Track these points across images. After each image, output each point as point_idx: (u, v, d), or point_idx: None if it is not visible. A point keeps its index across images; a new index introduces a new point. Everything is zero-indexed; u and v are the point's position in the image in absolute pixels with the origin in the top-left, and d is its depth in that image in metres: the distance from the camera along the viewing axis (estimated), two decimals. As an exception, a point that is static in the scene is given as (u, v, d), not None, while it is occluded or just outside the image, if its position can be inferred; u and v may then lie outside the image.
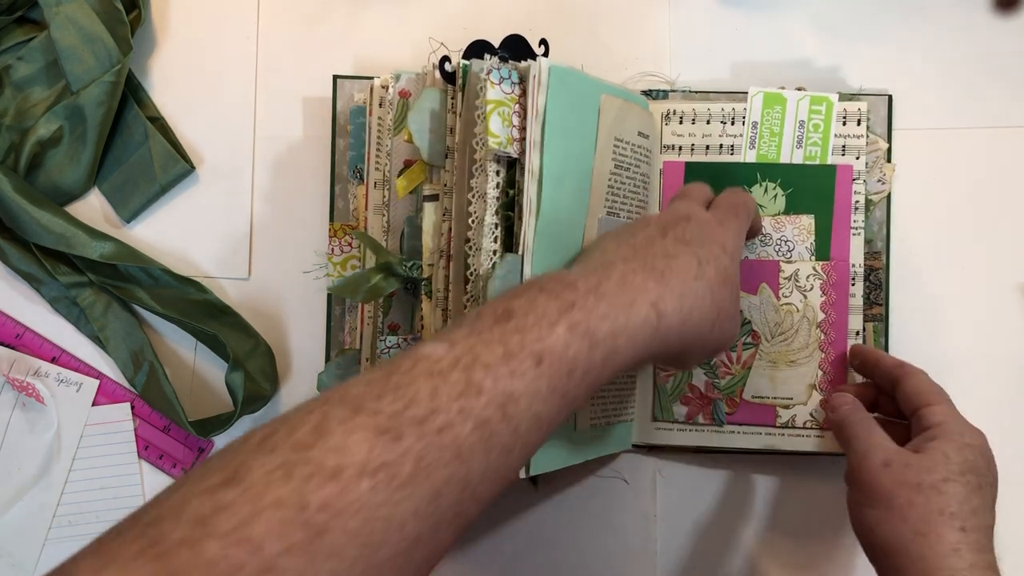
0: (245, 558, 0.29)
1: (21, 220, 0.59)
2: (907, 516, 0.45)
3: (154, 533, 0.30)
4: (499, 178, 0.50)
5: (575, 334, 0.38)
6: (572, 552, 0.60)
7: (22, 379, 0.61)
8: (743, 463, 0.60)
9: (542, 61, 0.49)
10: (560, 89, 0.49)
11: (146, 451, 0.62)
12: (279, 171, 0.63)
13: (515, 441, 0.36)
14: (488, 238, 0.50)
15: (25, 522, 0.61)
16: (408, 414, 0.34)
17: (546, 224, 0.49)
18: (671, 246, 0.45)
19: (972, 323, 0.60)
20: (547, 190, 0.49)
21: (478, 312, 0.39)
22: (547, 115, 0.49)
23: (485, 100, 0.49)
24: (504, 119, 0.49)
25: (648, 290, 0.41)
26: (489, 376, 0.36)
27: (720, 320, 0.45)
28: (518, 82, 0.50)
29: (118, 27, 0.61)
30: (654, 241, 0.45)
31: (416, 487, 0.33)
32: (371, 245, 0.55)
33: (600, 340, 0.39)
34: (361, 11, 0.63)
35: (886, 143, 0.60)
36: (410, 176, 0.55)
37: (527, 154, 0.49)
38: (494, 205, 0.50)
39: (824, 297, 0.57)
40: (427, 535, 0.34)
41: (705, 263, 0.44)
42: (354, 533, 0.31)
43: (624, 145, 0.55)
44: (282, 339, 0.62)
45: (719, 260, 0.46)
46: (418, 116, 0.53)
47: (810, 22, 0.62)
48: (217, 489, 0.31)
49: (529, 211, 0.49)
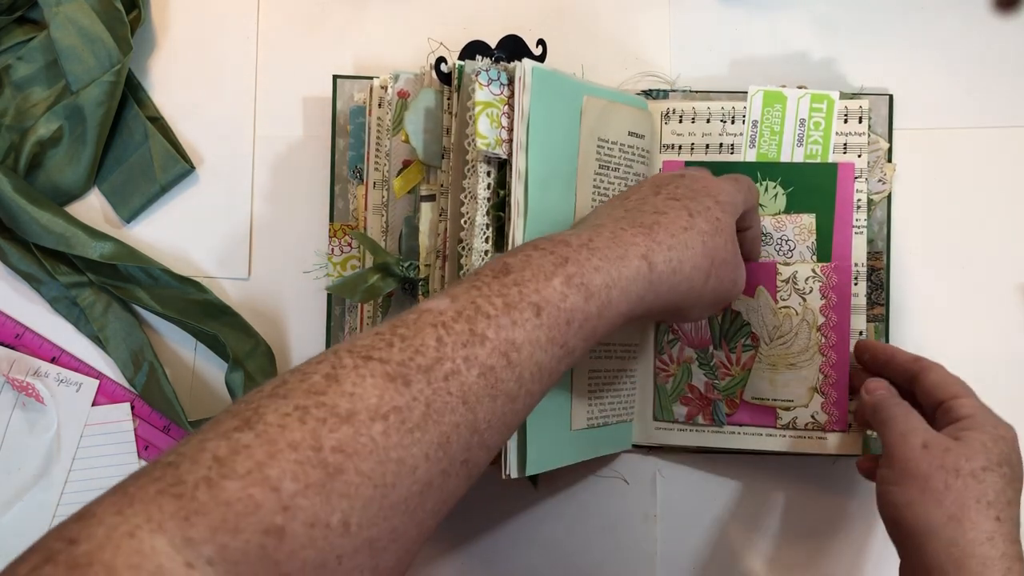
0: (263, 497, 0.30)
1: (21, 220, 0.59)
2: (943, 499, 0.45)
3: (174, 474, 0.31)
4: (490, 179, 0.51)
5: (571, 286, 0.39)
6: (572, 552, 0.60)
7: (22, 379, 0.61)
8: (743, 464, 0.60)
9: (526, 62, 0.49)
10: (543, 90, 0.50)
11: (146, 451, 0.62)
12: (279, 171, 0.63)
13: (519, 389, 0.38)
14: (479, 238, 0.51)
15: (25, 522, 0.60)
16: (416, 362, 0.35)
17: (535, 225, 0.50)
18: (662, 203, 0.46)
19: (972, 323, 0.60)
20: (534, 191, 0.49)
21: (476, 270, 0.40)
22: (531, 116, 0.49)
23: (474, 101, 0.49)
24: (493, 120, 0.50)
25: (638, 243, 0.43)
26: (492, 326, 0.37)
27: (716, 269, 0.46)
28: (507, 83, 0.50)
29: (118, 27, 0.61)
30: (646, 200, 0.47)
31: (426, 431, 0.34)
32: (369, 245, 0.55)
33: (595, 291, 0.40)
34: (361, 11, 0.63)
35: (887, 143, 0.60)
36: (407, 176, 0.55)
37: (514, 155, 0.49)
38: (485, 206, 0.51)
39: (824, 300, 0.57)
40: (437, 480, 0.35)
41: (696, 215, 0.46)
42: (367, 474, 0.32)
43: (610, 146, 0.55)
44: (282, 339, 0.62)
45: (710, 212, 0.47)
46: (414, 116, 0.53)
47: (810, 22, 0.62)
48: (233, 432, 0.32)
49: (517, 212, 0.49)
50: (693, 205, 0.46)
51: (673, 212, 0.45)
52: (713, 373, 0.58)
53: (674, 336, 0.59)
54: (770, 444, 0.58)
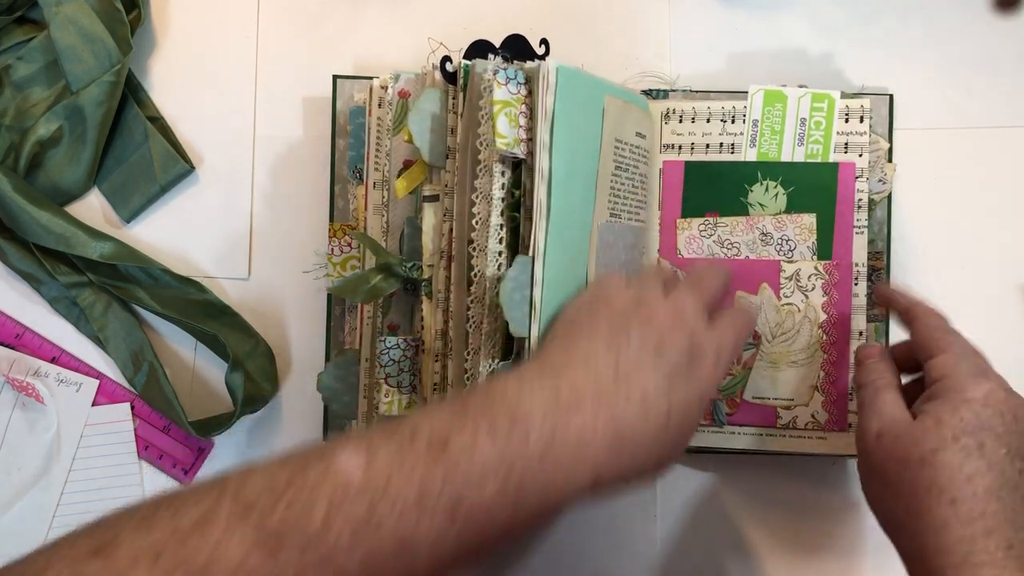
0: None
1: (21, 220, 0.59)
2: (899, 492, 0.43)
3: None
4: (504, 179, 0.50)
5: (506, 490, 0.36)
6: (572, 552, 0.60)
7: (22, 379, 0.61)
8: (743, 464, 0.60)
9: (550, 61, 0.49)
10: (567, 90, 0.49)
11: (146, 451, 0.62)
12: (279, 171, 0.63)
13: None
14: (494, 239, 0.50)
15: (25, 522, 0.60)
16: (295, 531, 0.32)
17: (557, 226, 0.49)
18: (656, 384, 0.41)
19: (972, 323, 0.60)
20: (556, 192, 0.48)
21: (413, 428, 0.36)
22: (555, 116, 0.48)
23: (491, 100, 0.48)
24: (511, 120, 0.49)
25: (598, 458, 0.39)
26: (394, 515, 0.34)
27: (658, 466, 0.43)
28: (524, 83, 0.50)
29: (118, 27, 0.61)
30: (643, 368, 0.42)
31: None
32: (370, 245, 0.55)
33: (529, 497, 0.37)
34: (361, 11, 0.63)
35: (887, 143, 0.60)
36: (410, 176, 0.55)
37: (536, 155, 0.48)
38: (499, 206, 0.50)
39: (826, 297, 0.57)
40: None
41: (677, 413, 0.42)
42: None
43: (624, 146, 0.55)
44: (282, 339, 0.62)
45: (699, 405, 0.43)
46: (418, 116, 0.53)
47: (810, 22, 0.62)
48: (84, 559, 0.30)
49: (539, 213, 0.48)
50: (685, 395, 0.42)
51: (653, 417, 0.41)
52: (713, 373, 0.58)
53: (674, 336, 0.59)
54: (770, 444, 0.58)
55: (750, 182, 0.58)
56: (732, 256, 0.58)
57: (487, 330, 0.50)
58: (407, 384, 0.54)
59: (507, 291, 0.47)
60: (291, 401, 0.62)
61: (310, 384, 0.60)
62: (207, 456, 0.62)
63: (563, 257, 0.50)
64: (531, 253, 0.48)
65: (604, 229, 0.53)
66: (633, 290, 0.47)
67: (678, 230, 0.59)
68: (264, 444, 0.62)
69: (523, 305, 0.47)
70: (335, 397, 0.57)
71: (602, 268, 0.53)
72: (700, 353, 0.44)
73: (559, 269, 0.49)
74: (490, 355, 0.50)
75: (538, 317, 0.47)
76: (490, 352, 0.50)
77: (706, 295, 0.48)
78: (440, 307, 0.53)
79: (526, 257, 0.48)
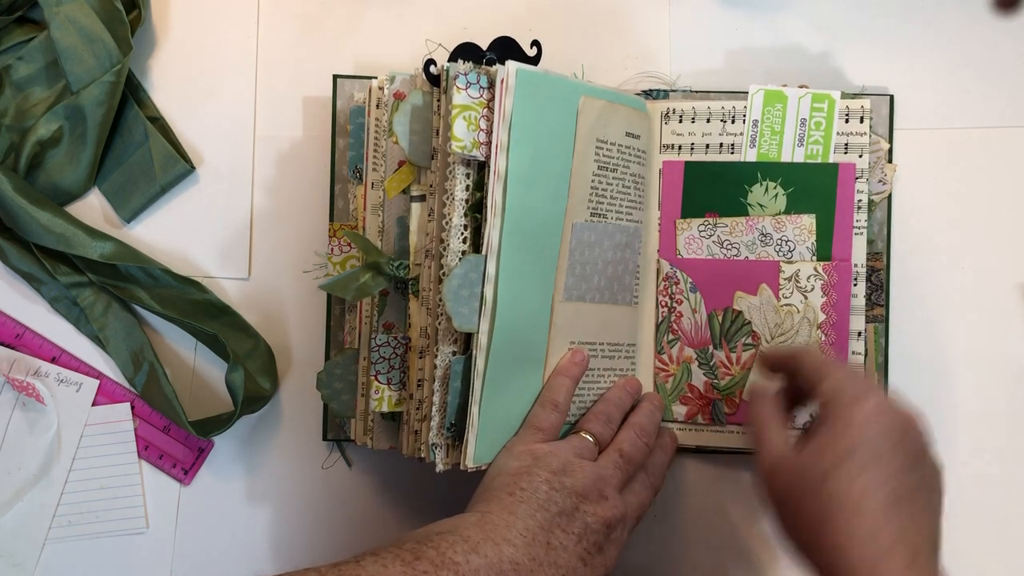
0: None
1: (21, 220, 0.59)
2: (800, 520, 0.44)
3: None
4: (468, 180, 0.51)
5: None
6: (572, 552, 0.60)
7: (22, 379, 0.61)
8: (743, 463, 0.60)
9: (510, 65, 0.50)
10: (529, 92, 0.50)
11: (146, 451, 0.62)
12: (279, 171, 0.63)
13: None
14: (456, 239, 0.51)
15: (25, 522, 0.61)
16: None
17: (515, 226, 0.50)
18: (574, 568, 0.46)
19: (972, 323, 0.60)
20: (515, 192, 0.50)
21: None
22: (514, 118, 0.50)
23: (451, 105, 0.50)
24: (470, 123, 0.50)
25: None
26: None
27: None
28: (487, 86, 0.51)
29: (118, 27, 0.61)
30: (568, 549, 0.46)
31: None
32: (361, 244, 0.55)
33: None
34: (361, 11, 0.63)
35: (887, 143, 0.60)
36: (399, 177, 0.55)
37: (493, 157, 0.50)
38: (463, 207, 0.51)
39: (825, 298, 0.57)
40: None
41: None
42: None
43: (609, 146, 0.55)
44: (282, 339, 0.62)
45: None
46: (402, 117, 0.54)
47: (810, 23, 0.62)
48: None
49: (494, 213, 0.50)
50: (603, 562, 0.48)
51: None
52: (713, 373, 0.58)
53: (674, 336, 0.59)
54: (770, 444, 0.58)
55: (750, 182, 0.58)
56: (731, 256, 0.58)
57: (445, 326, 0.51)
58: (397, 381, 0.55)
59: (452, 288, 0.49)
60: (291, 401, 0.62)
61: (310, 384, 0.60)
62: (207, 456, 0.62)
63: (522, 255, 0.51)
64: (484, 251, 0.50)
65: (581, 228, 0.54)
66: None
67: (678, 230, 0.59)
68: (264, 444, 0.62)
69: (472, 301, 0.50)
70: (335, 396, 0.57)
71: (579, 266, 0.54)
72: (616, 527, 0.49)
73: (518, 266, 0.51)
74: (451, 350, 0.51)
75: (488, 313, 0.50)
76: (450, 346, 0.51)
77: (631, 466, 0.52)
78: (425, 305, 0.53)
79: (477, 256, 0.50)
